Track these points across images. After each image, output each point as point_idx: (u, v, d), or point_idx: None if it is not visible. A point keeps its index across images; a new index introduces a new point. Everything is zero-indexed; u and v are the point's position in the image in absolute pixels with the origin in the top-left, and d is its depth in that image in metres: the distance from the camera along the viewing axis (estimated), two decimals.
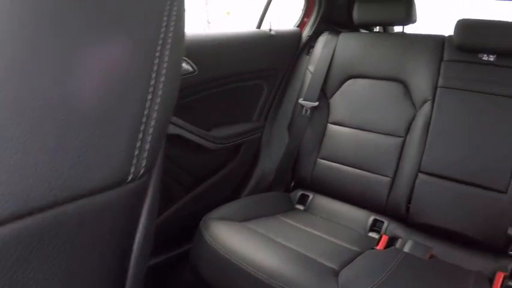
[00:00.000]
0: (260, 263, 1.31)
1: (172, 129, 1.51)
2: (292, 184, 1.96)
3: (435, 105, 1.68)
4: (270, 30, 1.95)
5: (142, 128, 0.54)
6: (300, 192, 1.90)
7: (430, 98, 1.70)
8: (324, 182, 1.85)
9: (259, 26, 1.96)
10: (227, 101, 1.81)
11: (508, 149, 1.55)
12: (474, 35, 1.66)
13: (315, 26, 2.10)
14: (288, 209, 1.81)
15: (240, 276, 1.34)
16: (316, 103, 1.88)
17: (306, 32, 2.10)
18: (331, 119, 1.88)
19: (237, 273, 1.34)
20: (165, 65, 0.54)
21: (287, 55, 2.02)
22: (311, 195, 1.87)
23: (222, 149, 1.77)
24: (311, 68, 1.96)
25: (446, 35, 1.78)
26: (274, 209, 1.73)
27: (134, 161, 0.54)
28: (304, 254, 1.38)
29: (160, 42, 0.53)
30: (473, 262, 1.55)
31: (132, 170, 0.54)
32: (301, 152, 1.90)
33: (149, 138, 0.55)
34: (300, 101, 1.91)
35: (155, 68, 0.53)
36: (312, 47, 2.02)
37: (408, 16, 1.85)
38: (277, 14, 2.32)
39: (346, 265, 1.37)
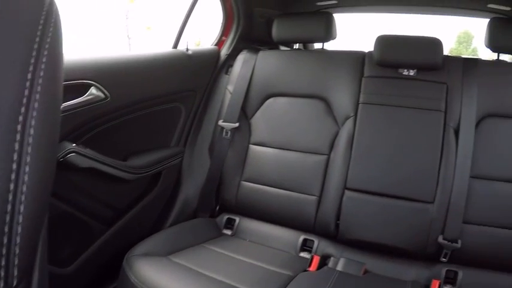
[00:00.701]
0: None
1: (84, 162, 1.39)
2: (218, 209, 1.89)
3: (357, 121, 1.69)
4: (187, 49, 1.87)
5: (6, 229, 0.42)
6: (225, 217, 1.84)
7: (352, 115, 1.71)
8: (249, 204, 1.80)
9: (175, 46, 1.88)
10: (143, 127, 1.71)
11: (432, 160, 1.60)
12: (394, 51, 1.70)
13: (233, 44, 2.05)
14: (215, 235, 1.74)
15: None
16: (237, 124, 1.83)
17: (225, 51, 2.05)
18: (252, 139, 1.84)
19: None
20: (30, 141, 0.45)
21: (205, 75, 1.96)
22: (237, 219, 1.82)
23: (140, 178, 1.66)
24: (230, 87, 1.91)
25: (367, 50, 1.80)
26: (200, 237, 1.66)
27: (1, 274, 0.43)
28: (235, 285, 1.31)
29: (22, 110, 0.44)
30: (408, 273, 1.57)
31: (1, 285, 0.43)
32: (224, 175, 1.85)
33: (18, 240, 0.43)
34: (220, 122, 1.86)
35: (16, 147, 0.44)
36: (231, 65, 1.98)
37: (328, 33, 1.85)
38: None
39: None
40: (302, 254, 1.68)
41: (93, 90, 1.41)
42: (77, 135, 1.42)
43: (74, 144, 1.36)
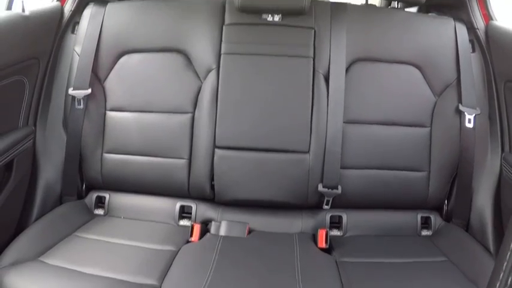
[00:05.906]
0: None
1: None
2: (84, 188, 1.74)
3: (220, 73, 1.62)
4: (23, 10, 1.58)
5: None
6: (94, 195, 1.71)
7: (215, 67, 1.63)
8: (117, 178, 1.69)
9: (9, 7, 1.58)
10: None
11: (303, 108, 1.58)
12: None
13: None
14: (86, 218, 1.62)
15: None
16: (89, 90, 1.64)
17: (68, 6, 1.76)
18: (109, 105, 1.68)
19: None
20: None
21: (48, 38, 1.68)
22: (107, 196, 1.70)
23: None
24: (78, 48, 1.69)
25: None
26: (71, 225, 1.53)
27: None
28: (117, 278, 1.22)
29: None
30: (293, 225, 1.61)
31: None
32: (84, 150, 1.68)
33: None
34: (70, 91, 1.65)
35: None
36: (78, 23, 1.74)
37: None
38: None
39: (166, 274, 1.26)
40: (182, 223, 1.64)
41: None
42: None
43: None
